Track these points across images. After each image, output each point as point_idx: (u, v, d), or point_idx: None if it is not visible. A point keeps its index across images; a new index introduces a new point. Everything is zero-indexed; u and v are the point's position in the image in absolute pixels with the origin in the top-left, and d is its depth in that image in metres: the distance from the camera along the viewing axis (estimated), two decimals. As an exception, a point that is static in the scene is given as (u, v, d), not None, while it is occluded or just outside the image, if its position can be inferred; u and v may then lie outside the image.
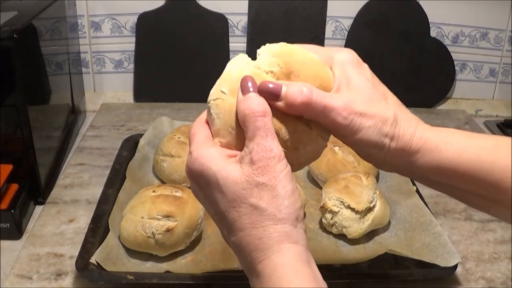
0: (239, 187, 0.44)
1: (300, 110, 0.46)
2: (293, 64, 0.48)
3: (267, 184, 0.43)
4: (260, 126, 0.44)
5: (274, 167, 0.44)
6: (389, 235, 0.86)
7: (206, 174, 0.45)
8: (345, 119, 0.46)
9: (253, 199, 0.43)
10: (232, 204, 0.44)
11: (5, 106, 0.86)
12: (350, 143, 0.49)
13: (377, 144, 0.48)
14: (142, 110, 1.28)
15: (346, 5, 1.30)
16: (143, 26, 1.29)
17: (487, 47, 1.37)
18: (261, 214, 0.43)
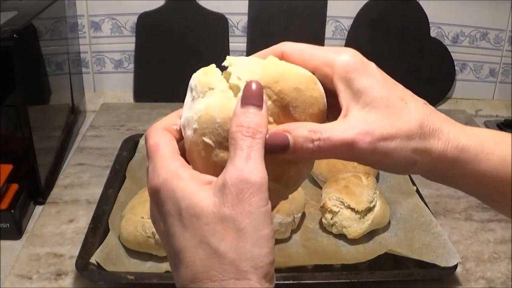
0: (202, 221, 0.34)
1: (315, 157, 0.39)
2: (287, 93, 0.38)
3: (235, 219, 0.33)
4: (244, 145, 0.35)
5: (249, 198, 0.33)
6: (389, 235, 0.86)
7: (170, 200, 0.35)
8: (367, 149, 0.38)
9: (214, 238, 0.33)
10: (191, 242, 0.34)
11: (5, 106, 0.86)
12: (380, 167, 0.41)
13: (407, 163, 0.40)
14: (142, 110, 1.28)
15: (346, 5, 1.30)
16: (143, 26, 1.29)
17: (487, 47, 1.37)
18: (220, 261, 0.33)
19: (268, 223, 0.34)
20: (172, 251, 0.36)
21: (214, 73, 0.40)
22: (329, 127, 0.38)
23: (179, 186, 0.35)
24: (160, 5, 1.28)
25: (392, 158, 0.39)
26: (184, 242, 0.34)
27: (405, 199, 0.89)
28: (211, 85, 0.39)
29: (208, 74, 0.40)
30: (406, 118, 0.39)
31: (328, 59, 0.40)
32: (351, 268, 0.77)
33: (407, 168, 0.40)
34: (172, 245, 0.36)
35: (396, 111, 0.39)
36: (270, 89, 0.38)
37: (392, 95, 0.39)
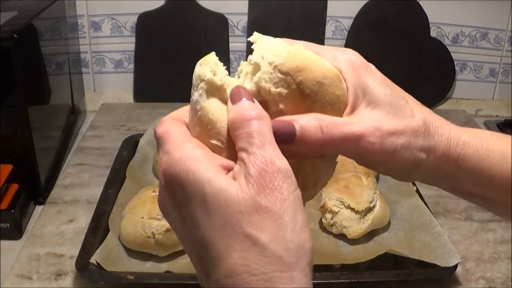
0: (235, 209, 0.31)
1: (323, 149, 0.37)
2: (308, 85, 0.36)
3: (271, 209, 0.31)
4: (254, 131, 0.33)
5: (281, 186, 0.31)
6: (389, 235, 0.86)
7: (190, 184, 0.32)
8: (376, 144, 0.37)
9: (252, 228, 0.31)
10: (222, 232, 0.31)
11: (5, 106, 0.86)
12: (383, 169, 0.40)
13: (413, 162, 0.39)
14: (142, 110, 1.28)
15: (346, 5, 1.30)
16: (143, 26, 1.29)
17: (487, 47, 1.37)
18: (262, 253, 0.30)
19: (301, 208, 0.32)
20: (195, 242, 0.33)
21: (211, 63, 0.37)
22: (338, 119, 0.37)
23: (200, 169, 0.33)
24: (160, 5, 1.28)
25: (398, 156, 0.38)
26: (213, 232, 0.31)
27: (405, 199, 0.89)
28: (203, 77, 0.37)
29: (203, 64, 0.38)
30: (410, 115, 0.39)
31: (334, 57, 0.40)
32: (351, 268, 0.77)
33: (412, 168, 0.40)
34: (195, 236, 0.33)
35: (400, 108, 0.39)
36: (291, 77, 0.36)
37: (394, 93, 0.39)
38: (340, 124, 0.36)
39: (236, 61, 1.32)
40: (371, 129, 0.37)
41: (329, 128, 0.36)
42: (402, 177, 0.42)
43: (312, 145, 0.36)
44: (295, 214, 0.32)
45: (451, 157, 0.40)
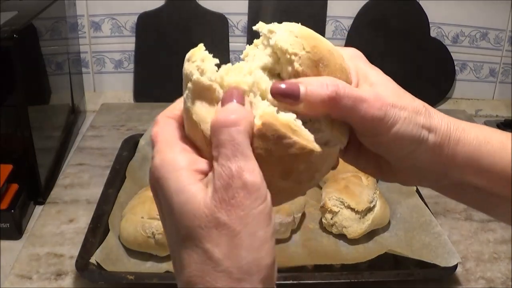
0: (196, 223, 0.32)
1: (326, 108, 0.36)
2: (321, 50, 0.37)
3: (229, 226, 0.31)
4: (225, 140, 0.32)
5: (243, 202, 0.31)
6: (389, 235, 0.86)
7: (163, 192, 0.34)
8: (380, 110, 0.37)
9: (209, 244, 0.32)
10: (184, 243, 0.33)
11: (5, 106, 0.86)
12: (384, 144, 0.40)
13: (415, 138, 0.39)
14: (142, 110, 1.28)
15: (346, 5, 1.30)
16: (143, 26, 1.29)
17: (487, 47, 1.37)
18: (215, 268, 0.31)
19: (264, 224, 0.32)
20: (171, 247, 0.35)
21: (197, 60, 0.37)
22: (347, 84, 0.37)
23: (173, 176, 0.33)
24: (160, 5, 1.28)
25: (400, 129, 0.38)
26: (178, 242, 0.33)
27: (405, 199, 0.89)
28: (190, 77, 0.37)
29: (191, 60, 0.38)
30: (411, 99, 0.40)
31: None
32: (351, 268, 0.77)
33: (414, 147, 0.40)
34: (169, 239, 0.35)
35: (400, 93, 0.40)
36: (306, 41, 0.37)
37: (393, 82, 0.41)
38: (347, 86, 0.37)
39: (236, 61, 1.32)
40: (377, 97, 0.38)
41: (337, 87, 0.36)
42: (403, 159, 0.41)
43: (317, 102, 0.36)
44: (255, 231, 0.32)
45: (451, 140, 0.40)
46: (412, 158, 0.41)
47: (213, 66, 0.37)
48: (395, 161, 0.42)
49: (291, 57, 0.37)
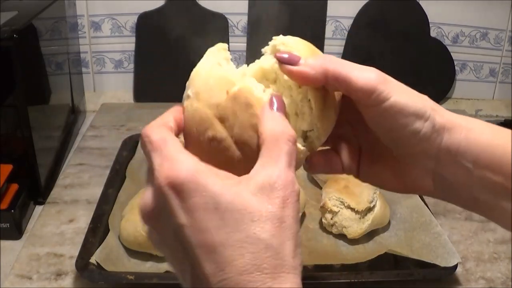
0: (248, 217, 0.34)
1: (321, 74, 0.41)
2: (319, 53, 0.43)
3: (283, 220, 0.35)
4: (290, 152, 0.37)
5: (293, 204, 0.35)
6: (389, 235, 0.86)
7: (200, 193, 0.34)
8: (378, 75, 0.40)
9: (265, 234, 0.34)
10: (234, 236, 0.34)
11: (5, 106, 0.86)
12: (386, 126, 0.42)
13: (420, 114, 0.41)
14: (142, 110, 1.28)
15: (346, 5, 1.30)
16: (143, 26, 1.29)
17: (487, 47, 1.37)
18: (273, 255, 0.34)
19: (299, 226, 0.36)
20: (203, 245, 0.35)
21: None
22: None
23: (211, 181, 0.35)
24: (160, 5, 1.28)
25: (402, 97, 0.40)
26: (226, 236, 0.34)
27: (405, 199, 0.89)
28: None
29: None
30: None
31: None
32: (351, 268, 0.77)
33: (418, 125, 0.41)
34: (203, 239, 0.34)
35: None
36: (307, 46, 0.44)
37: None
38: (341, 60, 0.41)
39: (236, 61, 1.32)
40: (380, 77, 0.40)
41: (331, 59, 0.41)
42: (404, 144, 0.42)
43: (315, 67, 0.40)
44: (298, 228, 0.36)
45: (455, 124, 0.42)
46: (414, 138, 0.41)
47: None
48: (394, 144, 0.43)
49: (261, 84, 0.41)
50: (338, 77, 0.40)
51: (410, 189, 0.46)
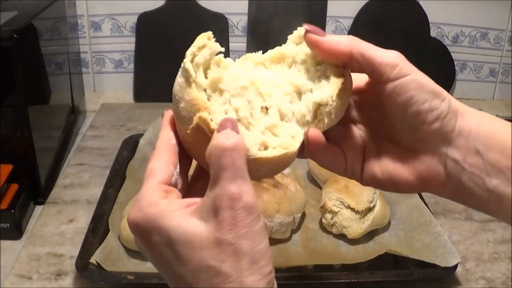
0: (197, 247, 0.35)
1: (347, 48, 0.42)
2: None
3: (233, 243, 0.34)
4: (227, 164, 0.34)
5: (243, 221, 0.34)
6: (389, 235, 0.86)
7: (155, 230, 0.36)
8: (400, 54, 0.41)
9: (214, 261, 0.34)
10: (189, 266, 0.35)
11: (5, 106, 0.86)
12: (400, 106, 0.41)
13: (437, 91, 0.41)
14: (142, 110, 1.28)
15: (346, 5, 1.30)
16: (143, 26, 1.29)
17: (487, 47, 1.37)
18: (225, 280, 0.34)
19: (263, 237, 0.35)
20: (170, 276, 0.37)
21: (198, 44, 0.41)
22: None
23: (166, 217, 0.36)
24: (160, 5, 1.28)
25: (418, 78, 0.41)
26: (183, 268, 0.36)
27: (405, 199, 0.89)
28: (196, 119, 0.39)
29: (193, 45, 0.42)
30: None
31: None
32: (351, 268, 0.77)
33: (435, 104, 0.41)
34: (169, 271, 0.37)
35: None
36: None
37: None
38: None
39: (236, 61, 1.32)
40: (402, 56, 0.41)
41: (357, 38, 0.42)
42: (420, 123, 0.42)
43: (342, 41, 0.42)
44: (256, 245, 0.35)
45: (467, 110, 0.43)
46: (425, 121, 0.41)
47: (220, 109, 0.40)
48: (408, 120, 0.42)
49: None
50: (363, 52, 0.41)
51: (422, 180, 0.44)
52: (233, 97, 0.40)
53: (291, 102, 0.43)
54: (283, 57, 0.45)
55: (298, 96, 0.43)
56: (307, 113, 0.42)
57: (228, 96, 0.40)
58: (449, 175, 0.43)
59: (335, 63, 0.43)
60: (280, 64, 0.45)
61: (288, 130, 0.42)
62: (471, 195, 0.43)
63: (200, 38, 0.41)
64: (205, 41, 0.40)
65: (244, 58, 0.44)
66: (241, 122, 0.40)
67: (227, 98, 0.40)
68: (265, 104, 0.42)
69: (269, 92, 0.42)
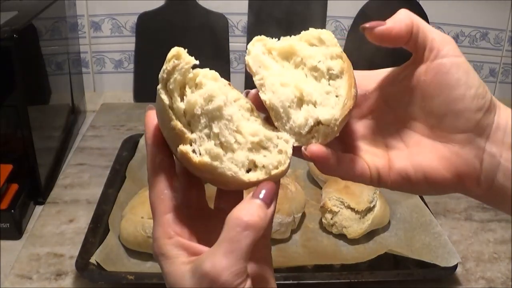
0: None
1: (410, 24, 0.40)
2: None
3: None
4: (234, 239, 0.35)
5: None
6: (389, 235, 0.86)
7: (163, 267, 0.39)
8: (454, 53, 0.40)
9: None
10: None
11: (5, 106, 0.86)
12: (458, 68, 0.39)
13: (481, 82, 0.40)
14: (142, 110, 1.28)
15: (346, 5, 1.30)
16: (143, 26, 1.29)
17: (487, 47, 1.37)
18: None
19: None
20: None
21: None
22: None
23: (168, 257, 0.38)
24: (160, 5, 1.28)
25: (469, 66, 0.39)
26: None
27: (405, 199, 0.89)
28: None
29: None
30: None
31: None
32: (351, 268, 0.77)
33: (481, 91, 0.39)
34: None
35: None
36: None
37: None
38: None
39: (236, 61, 1.32)
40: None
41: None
42: (463, 109, 0.39)
43: (401, 23, 0.40)
44: None
45: (501, 105, 0.41)
46: (472, 100, 0.39)
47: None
48: (451, 104, 0.40)
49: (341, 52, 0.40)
50: (420, 25, 0.40)
51: (458, 176, 0.40)
52: (211, 121, 0.37)
53: (290, 107, 0.40)
54: (292, 52, 0.42)
55: (299, 102, 0.40)
56: (303, 126, 0.39)
57: (207, 119, 0.37)
58: (484, 171, 0.40)
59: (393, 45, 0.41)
60: (287, 61, 0.42)
61: (277, 143, 0.39)
62: (504, 194, 0.41)
63: (168, 60, 0.39)
64: (173, 63, 0.38)
65: (257, 39, 0.42)
66: (224, 148, 0.37)
67: (206, 121, 0.37)
68: (252, 117, 0.40)
69: (272, 88, 0.40)
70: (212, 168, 0.36)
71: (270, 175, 0.38)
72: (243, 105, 0.40)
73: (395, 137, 0.43)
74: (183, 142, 0.36)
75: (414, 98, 0.42)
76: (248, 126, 0.39)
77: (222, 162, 0.37)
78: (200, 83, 0.38)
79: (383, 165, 0.42)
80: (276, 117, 0.40)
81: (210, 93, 0.38)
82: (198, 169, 0.36)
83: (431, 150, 0.41)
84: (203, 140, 0.37)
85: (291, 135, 0.40)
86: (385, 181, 0.42)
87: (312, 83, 0.40)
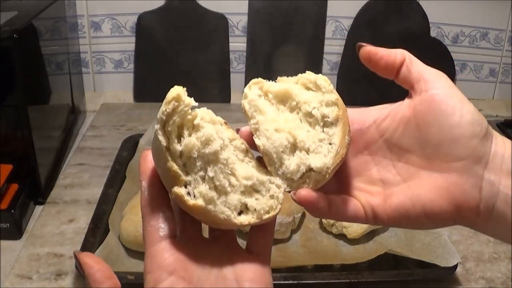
0: None
1: (402, 54, 0.44)
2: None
3: None
4: None
5: None
6: (389, 235, 0.86)
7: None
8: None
9: None
10: None
11: (5, 106, 0.86)
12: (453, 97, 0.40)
13: (476, 109, 0.40)
14: (142, 110, 1.29)
15: (346, 5, 1.30)
16: (143, 26, 1.29)
17: (487, 47, 1.37)
18: None
19: None
20: None
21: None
22: None
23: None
24: (160, 5, 1.28)
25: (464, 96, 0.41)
26: None
27: (405, 199, 0.89)
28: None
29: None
30: None
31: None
32: (351, 268, 0.77)
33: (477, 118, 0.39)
34: None
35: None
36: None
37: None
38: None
39: (236, 61, 1.32)
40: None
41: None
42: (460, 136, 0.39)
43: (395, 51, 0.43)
44: None
45: (497, 135, 0.41)
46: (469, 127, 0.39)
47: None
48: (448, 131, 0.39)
49: (334, 94, 0.41)
50: (412, 59, 0.43)
51: (457, 206, 0.40)
52: (207, 164, 0.38)
53: (283, 152, 0.40)
54: (288, 96, 0.42)
55: (293, 148, 0.41)
56: (295, 173, 0.40)
57: (203, 162, 0.38)
58: (484, 200, 0.39)
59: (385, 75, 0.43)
60: (283, 104, 0.42)
61: (270, 188, 0.40)
62: (504, 223, 0.40)
63: (168, 102, 0.39)
64: (173, 105, 0.39)
65: (254, 82, 0.43)
66: (218, 191, 0.38)
67: (202, 164, 0.38)
68: (246, 158, 0.41)
69: (267, 134, 0.41)
70: (206, 211, 0.37)
71: (262, 219, 0.39)
72: (238, 146, 0.41)
73: (392, 171, 0.42)
74: (178, 184, 0.37)
75: (410, 129, 0.42)
76: (242, 169, 0.40)
77: (216, 206, 0.38)
78: (198, 125, 0.39)
79: (378, 204, 0.41)
80: (269, 162, 0.41)
81: (207, 137, 0.38)
82: (191, 211, 0.37)
83: (428, 181, 0.40)
84: (197, 182, 0.38)
85: (283, 180, 0.41)
86: (382, 218, 0.41)
87: (306, 129, 0.41)
